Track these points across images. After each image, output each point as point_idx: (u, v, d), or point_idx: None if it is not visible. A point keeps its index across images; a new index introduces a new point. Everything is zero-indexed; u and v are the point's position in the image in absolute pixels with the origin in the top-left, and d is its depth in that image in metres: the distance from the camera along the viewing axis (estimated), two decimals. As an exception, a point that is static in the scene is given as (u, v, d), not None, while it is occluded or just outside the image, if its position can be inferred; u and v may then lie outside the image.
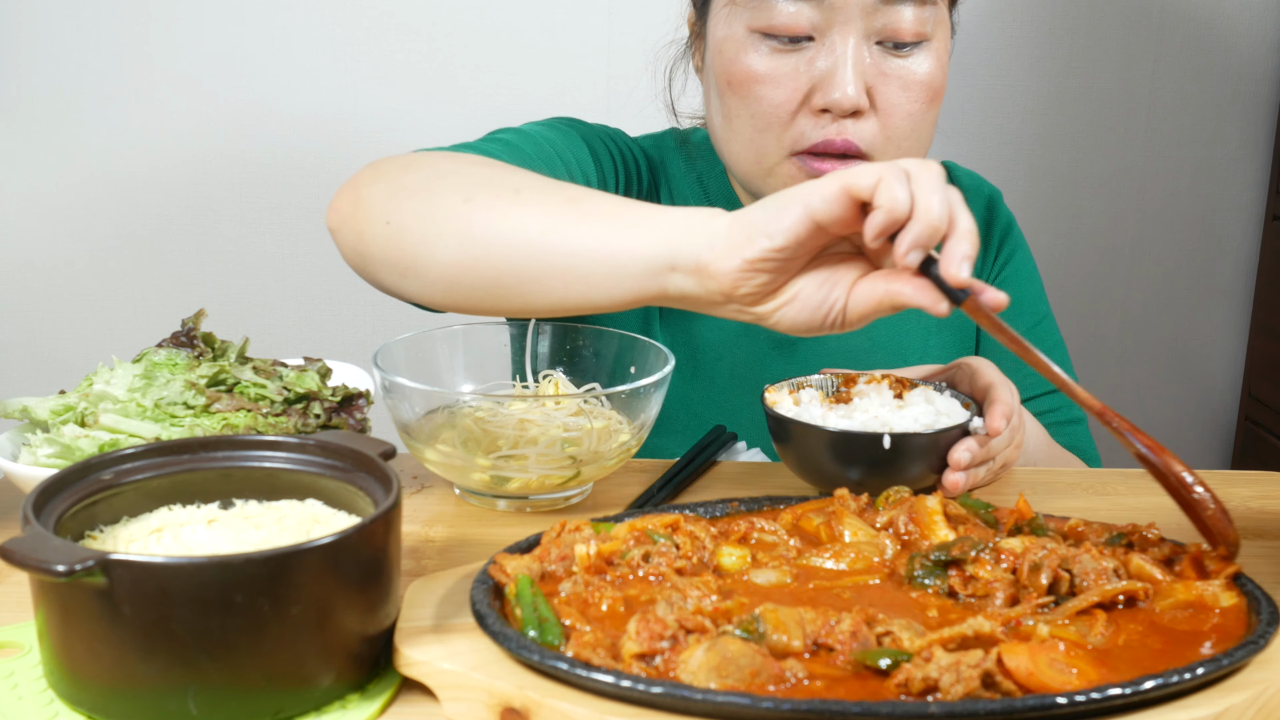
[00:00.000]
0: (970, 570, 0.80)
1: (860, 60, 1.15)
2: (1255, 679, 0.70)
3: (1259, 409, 2.44)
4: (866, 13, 1.14)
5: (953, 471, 1.02)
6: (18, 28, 2.25)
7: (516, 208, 0.93)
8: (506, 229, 0.93)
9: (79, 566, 0.64)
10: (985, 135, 2.36)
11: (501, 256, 0.93)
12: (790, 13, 1.14)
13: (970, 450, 1.03)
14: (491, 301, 0.96)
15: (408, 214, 0.97)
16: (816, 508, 0.92)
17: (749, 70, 1.17)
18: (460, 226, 0.94)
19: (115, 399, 1.00)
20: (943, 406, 1.08)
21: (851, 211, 0.82)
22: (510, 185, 0.95)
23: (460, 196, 0.96)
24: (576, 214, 0.91)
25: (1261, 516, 1.06)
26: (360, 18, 2.27)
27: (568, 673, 0.68)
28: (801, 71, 1.16)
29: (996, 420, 1.04)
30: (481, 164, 1.02)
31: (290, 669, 0.69)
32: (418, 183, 0.99)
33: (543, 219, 0.92)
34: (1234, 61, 2.37)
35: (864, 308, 0.85)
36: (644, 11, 2.21)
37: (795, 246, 0.82)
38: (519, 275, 0.92)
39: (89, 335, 2.38)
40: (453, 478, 1.03)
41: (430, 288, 0.98)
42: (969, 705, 0.64)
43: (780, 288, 0.85)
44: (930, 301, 0.82)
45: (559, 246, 0.90)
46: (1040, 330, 1.40)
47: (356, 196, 1.02)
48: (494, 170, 1.00)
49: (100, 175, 2.31)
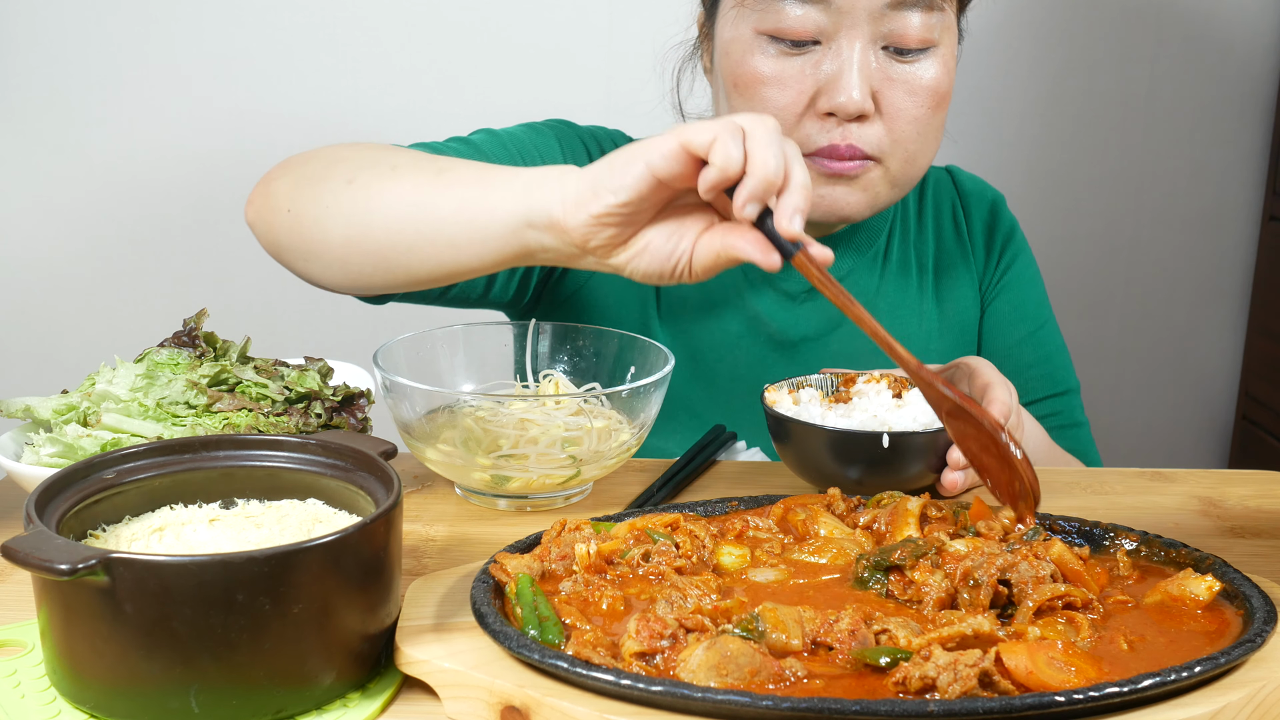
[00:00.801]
0: (908, 574, 0.80)
1: (866, 65, 1.15)
2: (1252, 677, 0.70)
3: (1256, 408, 2.45)
4: (873, 18, 1.14)
5: (951, 470, 1.03)
6: (18, 28, 2.25)
7: (392, 183, 0.99)
8: (382, 204, 0.99)
9: (81, 565, 0.64)
10: (985, 136, 2.36)
11: (381, 230, 0.99)
12: (797, 16, 1.14)
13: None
14: (381, 275, 1.02)
15: (304, 200, 1.04)
16: (801, 503, 0.93)
17: (755, 72, 1.17)
18: (345, 207, 1.01)
19: (117, 398, 1.00)
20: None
21: (690, 167, 0.85)
22: (389, 164, 1.02)
23: (345, 179, 1.02)
24: (443, 183, 0.97)
25: (1259, 516, 1.06)
26: (361, 19, 2.27)
27: (568, 671, 0.68)
28: (807, 75, 1.16)
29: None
30: (374, 149, 1.07)
31: (291, 667, 0.69)
32: (314, 171, 1.06)
33: (414, 192, 0.98)
34: (1232, 63, 2.37)
35: (706, 260, 0.88)
36: (644, 12, 2.21)
37: (638, 201, 0.86)
38: (397, 246, 0.99)
39: (91, 335, 2.38)
40: (453, 477, 1.03)
41: (329, 269, 1.05)
42: (968, 704, 0.64)
43: (629, 239, 0.89)
44: (762, 255, 0.85)
45: (429, 215, 0.96)
46: (1042, 334, 1.40)
47: (265, 190, 1.09)
48: (381, 153, 1.05)
49: (102, 175, 2.32)
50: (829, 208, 1.21)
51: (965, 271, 1.39)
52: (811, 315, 1.33)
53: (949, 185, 1.43)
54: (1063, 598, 0.77)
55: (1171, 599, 0.79)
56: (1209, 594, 0.78)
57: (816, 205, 1.20)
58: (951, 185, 1.43)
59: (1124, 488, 1.13)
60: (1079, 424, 1.39)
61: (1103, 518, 1.01)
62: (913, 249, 1.38)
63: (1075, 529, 0.90)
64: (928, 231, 1.39)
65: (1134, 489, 1.13)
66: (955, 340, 1.39)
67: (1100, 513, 1.04)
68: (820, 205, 1.20)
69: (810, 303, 1.33)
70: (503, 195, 0.93)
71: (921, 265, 1.38)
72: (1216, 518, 1.06)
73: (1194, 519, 1.05)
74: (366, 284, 1.05)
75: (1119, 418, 2.53)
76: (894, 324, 1.36)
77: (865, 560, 0.82)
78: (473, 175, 0.96)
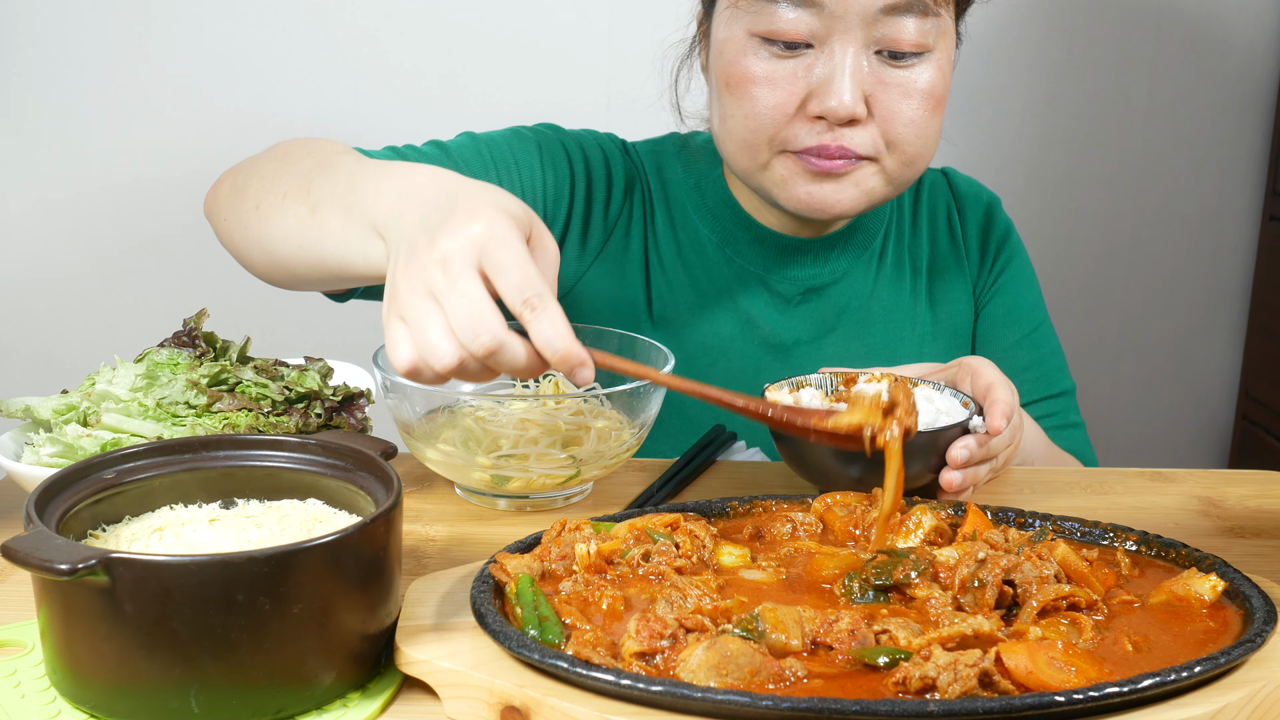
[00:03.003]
0: (910, 592, 0.79)
1: (859, 69, 1.15)
2: (1252, 677, 0.70)
3: (1256, 408, 2.45)
4: (867, 22, 1.13)
5: (950, 470, 1.03)
6: (18, 29, 2.25)
7: (280, 217, 1.02)
8: (275, 236, 1.03)
9: (81, 565, 0.64)
10: (984, 136, 2.36)
11: (281, 256, 1.03)
12: (790, 19, 1.14)
13: (968, 448, 1.03)
14: (301, 286, 1.09)
15: (230, 214, 1.10)
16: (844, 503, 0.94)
17: (746, 72, 1.17)
18: (251, 232, 1.06)
19: (117, 398, 1.01)
20: (942, 405, 1.08)
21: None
22: (281, 192, 1.03)
23: (253, 204, 1.06)
24: (316, 223, 0.98)
25: (1259, 515, 1.06)
26: (360, 19, 2.27)
27: (568, 671, 0.68)
28: (799, 77, 1.16)
29: (997, 419, 1.04)
30: (285, 160, 1.08)
31: (291, 667, 0.69)
32: (240, 185, 1.10)
33: (296, 229, 1.00)
34: (1232, 63, 2.37)
35: None
36: (644, 12, 2.21)
37: None
38: (298, 273, 1.03)
39: (91, 335, 2.38)
40: (453, 477, 1.04)
41: (260, 273, 1.10)
42: (968, 704, 0.64)
43: None
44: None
45: (311, 250, 0.99)
46: (1036, 337, 1.40)
47: (214, 193, 1.15)
48: (288, 168, 1.06)
49: (102, 175, 2.32)
50: (819, 205, 1.20)
51: (959, 275, 1.39)
52: (805, 318, 1.33)
53: (944, 188, 1.43)
54: (1067, 598, 0.77)
55: (1176, 599, 0.79)
56: (1213, 594, 0.79)
57: (804, 202, 1.20)
58: (947, 188, 1.43)
59: (1124, 488, 1.13)
60: (1075, 425, 1.39)
61: (1103, 518, 1.01)
62: (907, 251, 1.38)
63: (1075, 529, 0.90)
64: (922, 234, 1.39)
65: (1134, 489, 1.13)
66: (949, 343, 1.39)
67: (1100, 513, 1.04)
68: (809, 202, 1.20)
69: (804, 305, 1.33)
70: (357, 241, 0.93)
71: (915, 268, 1.38)
72: (1216, 518, 1.06)
73: (1194, 519, 1.05)
74: (292, 287, 1.10)
75: (1119, 418, 2.53)
76: (888, 326, 1.36)
77: (859, 579, 0.80)
78: (341, 203, 0.95)
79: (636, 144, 1.40)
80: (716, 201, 1.33)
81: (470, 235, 0.78)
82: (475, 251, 0.78)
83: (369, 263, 0.92)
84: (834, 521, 0.92)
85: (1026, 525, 0.91)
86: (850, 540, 0.90)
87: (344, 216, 0.95)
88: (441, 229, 0.80)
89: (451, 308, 0.77)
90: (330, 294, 1.19)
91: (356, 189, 0.95)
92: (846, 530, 0.90)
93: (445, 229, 0.79)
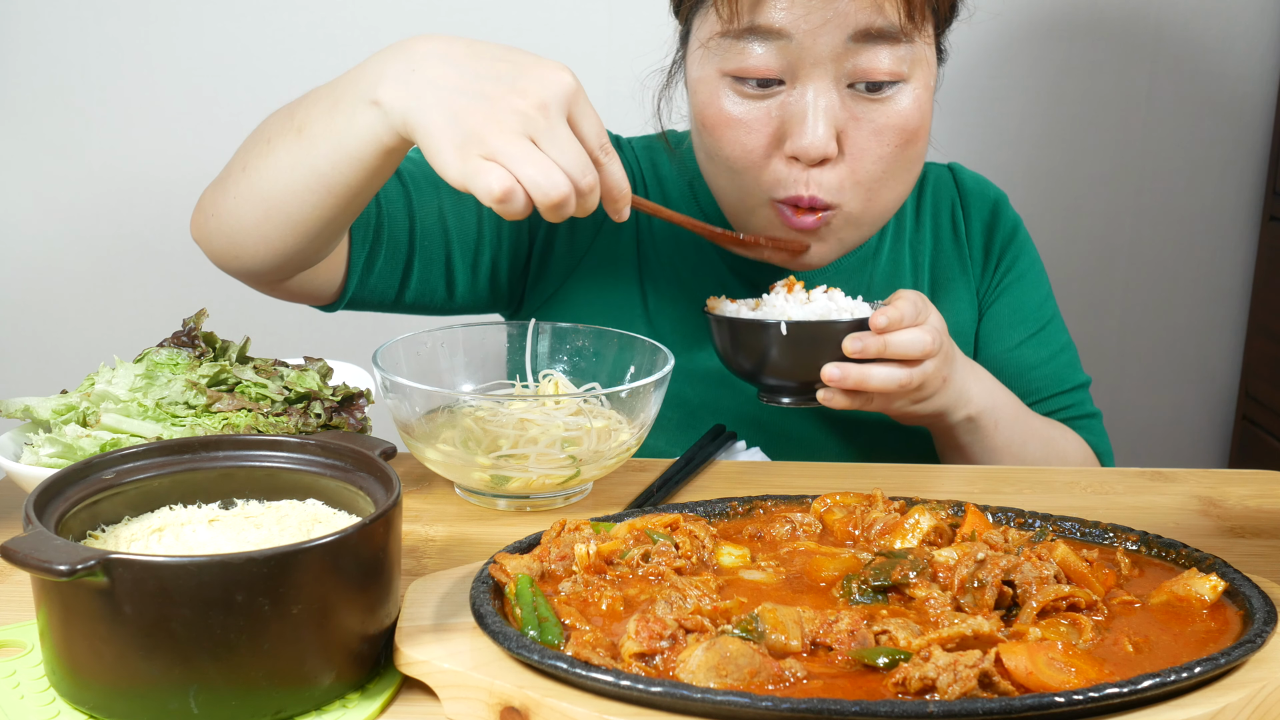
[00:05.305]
0: (909, 593, 0.79)
1: (831, 107, 1.14)
2: (1252, 678, 0.70)
3: (1256, 408, 2.45)
4: (836, 56, 1.12)
5: (832, 366, 1.10)
6: (18, 28, 2.25)
7: (271, 158, 1.05)
8: (271, 175, 1.05)
9: (80, 566, 0.64)
10: (985, 135, 2.36)
11: (280, 194, 1.04)
12: (759, 55, 1.13)
13: (861, 339, 1.09)
14: (299, 237, 1.07)
15: (219, 200, 1.11)
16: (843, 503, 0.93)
17: (721, 114, 1.17)
18: (245, 190, 1.08)
19: (117, 399, 1.00)
20: (845, 305, 1.15)
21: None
22: (263, 139, 1.07)
23: (240, 168, 1.09)
24: (306, 138, 1.02)
25: (1259, 515, 1.06)
26: (360, 19, 2.27)
27: (567, 672, 0.68)
28: (773, 116, 1.16)
29: (878, 317, 1.09)
30: (259, 129, 1.12)
31: (291, 668, 0.69)
32: (222, 176, 1.13)
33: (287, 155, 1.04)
34: (1231, 62, 2.37)
35: None
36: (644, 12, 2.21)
37: None
38: (299, 200, 1.04)
39: (90, 335, 2.38)
40: (453, 477, 1.03)
41: (256, 253, 1.10)
42: (968, 704, 0.64)
43: None
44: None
45: (306, 166, 1.02)
46: (1046, 333, 1.39)
47: (198, 210, 1.16)
48: (264, 126, 1.10)
49: (101, 175, 2.31)
50: (797, 263, 1.24)
51: (961, 274, 1.38)
52: None
53: (950, 184, 1.41)
54: (1066, 599, 0.77)
55: (1177, 599, 0.79)
56: (1214, 594, 0.78)
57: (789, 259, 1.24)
58: (953, 184, 1.41)
59: (1124, 488, 1.13)
60: (1093, 414, 1.39)
61: (1103, 518, 1.01)
62: (907, 247, 1.38)
63: (1075, 529, 0.90)
64: (925, 230, 1.39)
65: (1134, 489, 1.13)
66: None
67: (1100, 513, 1.04)
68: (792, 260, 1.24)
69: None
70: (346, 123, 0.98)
71: (917, 264, 1.38)
72: (1216, 518, 1.06)
73: (1194, 519, 1.05)
74: (290, 252, 1.09)
75: (1119, 418, 2.53)
76: None
77: (858, 581, 0.80)
78: (324, 110, 1.01)
79: (632, 139, 1.40)
80: (709, 203, 1.33)
81: (562, 85, 0.90)
82: (567, 100, 0.90)
83: (361, 137, 0.97)
84: (833, 522, 0.92)
85: (1026, 525, 0.91)
86: (850, 541, 0.90)
87: (329, 112, 1.00)
88: (526, 79, 0.90)
89: (558, 148, 0.89)
90: (322, 307, 1.23)
91: (337, 86, 1.01)
92: (846, 531, 0.90)
93: (532, 79, 0.90)
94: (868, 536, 0.89)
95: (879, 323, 1.09)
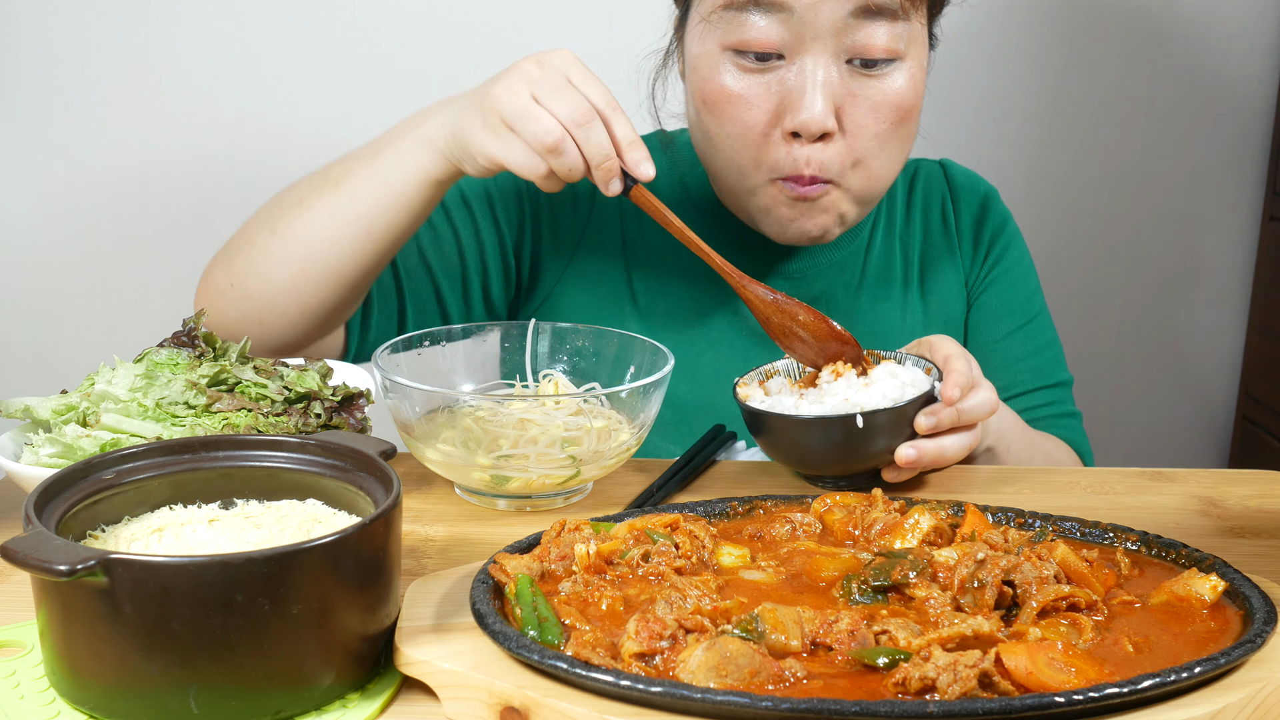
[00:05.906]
0: (909, 592, 0.79)
1: (829, 81, 1.15)
2: (1252, 678, 0.70)
3: (1256, 409, 2.45)
4: (837, 30, 1.13)
5: (905, 446, 1.05)
6: (18, 28, 2.25)
7: (307, 213, 1.13)
8: (308, 231, 1.13)
9: (80, 566, 0.64)
10: (984, 135, 2.36)
11: (319, 245, 1.12)
12: (760, 28, 1.14)
13: (935, 414, 1.05)
14: (334, 289, 1.15)
15: (240, 269, 1.16)
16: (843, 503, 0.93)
17: (722, 89, 1.18)
18: (279, 253, 1.14)
19: (117, 399, 1.00)
20: (907, 378, 1.09)
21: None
22: (294, 200, 1.15)
23: (268, 231, 1.15)
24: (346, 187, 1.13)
25: (1259, 515, 1.06)
26: (360, 19, 2.27)
27: (567, 672, 0.68)
28: (772, 91, 1.17)
29: (950, 389, 1.05)
30: (273, 200, 1.19)
31: (291, 668, 0.69)
32: (237, 247, 1.18)
33: (326, 206, 1.13)
34: (1231, 62, 2.37)
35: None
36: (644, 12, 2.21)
37: None
38: (342, 253, 1.13)
39: (90, 335, 2.38)
40: (453, 477, 1.03)
41: (285, 314, 1.16)
42: (968, 704, 0.64)
43: None
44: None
45: (349, 213, 1.12)
46: (1033, 327, 1.40)
47: (205, 285, 1.20)
48: (281, 196, 1.18)
49: (102, 175, 2.31)
50: (799, 231, 1.24)
51: (951, 265, 1.39)
52: None
53: (940, 178, 1.43)
54: (1066, 599, 0.77)
55: (1177, 599, 0.79)
56: (1214, 594, 0.78)
57: (786, 229, 1.23)
58: (943, 178, 1.43)
59: (1124, 488, 1.13)
60: (1072, 414, 1.39)
61: (1103, 518, 1.01)
62: (898, 241, 1.39)
63: (1075, 529, 0.90)
64: (915, 224, 1.40)
65: (1134, 489, 1.13)
66: (940, 332, 1.39)
67: (1100, 513, 1.04)
68: (788, 230, 1.23)
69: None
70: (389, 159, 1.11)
71: (907, 257, 1.39)
72: (1216, 518, 1.06)
73: (1194, 519, 1.05)
74: (324, 308, 1.16)
75: (1119, 418, 2.53)
76: (876, 319, 1.36)
77: (858, 580, 0.80)
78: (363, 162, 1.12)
79: None
80: (702, 199, 1.34)
81: (561, 56, 1.06)
82: (564, 68, 1.05)
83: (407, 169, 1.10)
84: (833, 522, 0.92)
85: (1026, 525, 0.91)
86: (850, 541, 0.90)
87: (370, 161, 1.11)
88: (526, 60, 1.06)
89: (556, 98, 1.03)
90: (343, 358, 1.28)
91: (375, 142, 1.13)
92: (846, 531, 0.90)
93: (531, 57, 1.06)
94: (868, 536, 0.89)
95: (952, 395, 1.05)
